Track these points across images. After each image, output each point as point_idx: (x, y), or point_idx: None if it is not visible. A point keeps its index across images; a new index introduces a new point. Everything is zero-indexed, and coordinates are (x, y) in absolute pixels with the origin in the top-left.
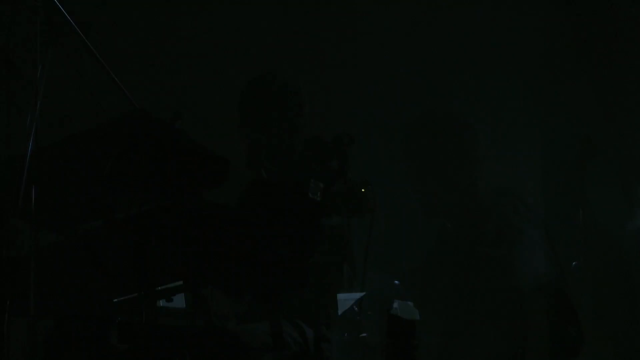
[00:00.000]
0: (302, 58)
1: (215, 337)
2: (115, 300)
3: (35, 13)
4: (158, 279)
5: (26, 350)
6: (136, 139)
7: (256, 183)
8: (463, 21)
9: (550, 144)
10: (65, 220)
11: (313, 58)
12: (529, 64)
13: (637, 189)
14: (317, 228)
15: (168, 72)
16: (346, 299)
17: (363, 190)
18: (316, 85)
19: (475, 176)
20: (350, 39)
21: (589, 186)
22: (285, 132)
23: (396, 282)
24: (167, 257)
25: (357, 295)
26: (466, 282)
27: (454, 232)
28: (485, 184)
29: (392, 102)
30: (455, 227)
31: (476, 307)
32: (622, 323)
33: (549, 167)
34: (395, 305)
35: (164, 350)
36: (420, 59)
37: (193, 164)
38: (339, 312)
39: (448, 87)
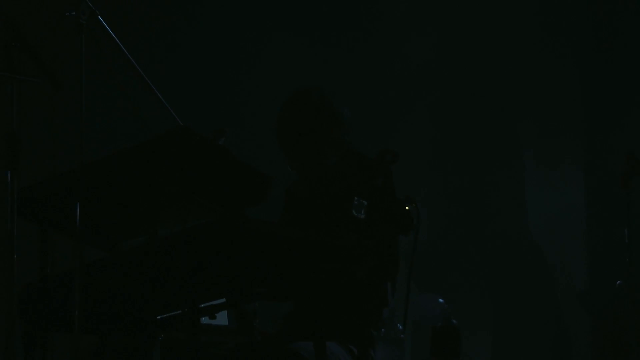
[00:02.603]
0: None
1: (258, 354)
2: (159, 317)
3: (79, 30)
4: (202, 296)
5: None
6: (179, 155)
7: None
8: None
9: (594, 160)
10: (110, 237)
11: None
12: (574, 80)
13: None
14: (362, 245)
15: (211, 89)
16: (390, 317)
17: (407, 207)
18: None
19: None
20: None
21: (634, 203)
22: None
23: (440, 300)
24: (210, 273)
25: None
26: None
27: None
28: None
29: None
30: None
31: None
32: None
33: (592, 184)
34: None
35: None
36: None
37: (236, 180)
38: (383, 329)
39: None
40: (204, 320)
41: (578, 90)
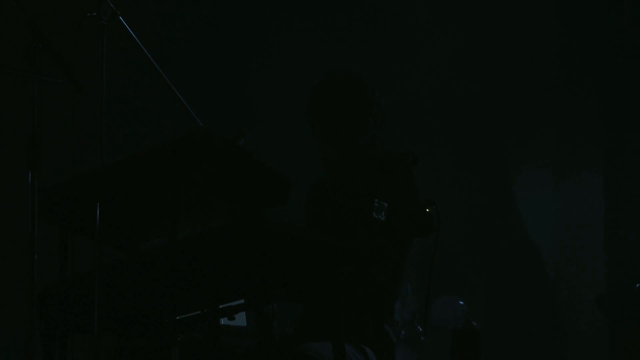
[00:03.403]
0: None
1: (276, 355)
2: (178, 318)
3: (100, 31)
4: (221, 297)
5: None
6: (200, 157)
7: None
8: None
9: (613, 164)
10: (130, 238)
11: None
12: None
13: None
14: (381, 247)
15: (231, 90)
16: (410, 319)
17: (427, 210)
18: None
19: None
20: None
21: None
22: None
23: (460, 302)
24: (230, 275)
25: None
26: None
27: None
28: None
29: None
30: None
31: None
32: None
33: (611, 187)
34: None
35: None
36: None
37: (257, 182)
38: (403, 332)
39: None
40: (223, 321)
41: (595, 93)
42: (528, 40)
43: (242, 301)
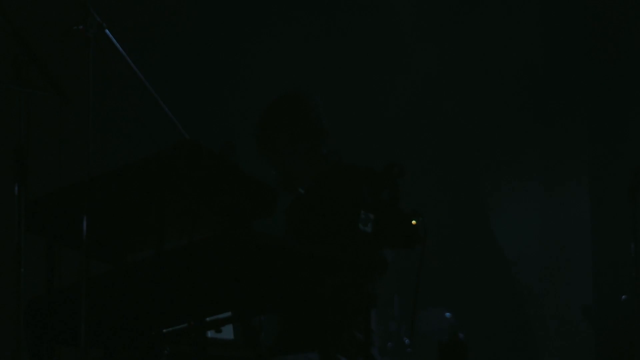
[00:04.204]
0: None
1: None
2: (165, 330)
3: (87, 43)
4: (208, 309)
5: None
6: (187, 169)
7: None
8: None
9: (599, 174)
10: (116, 250)
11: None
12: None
13: None
14: (368, 259)
15: (218, 102)
16: (397, 330)
17: (414, 221)
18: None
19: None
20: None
21: None
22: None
23: (447, 314)
24: (217, 287)
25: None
26: None
27: None
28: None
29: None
30: None
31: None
32: None
33: (598, 198)
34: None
35: None
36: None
37: (243, 194)
38: (390, 343)
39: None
40: (210, 333)
41: (581, 105)
42: (514, 52)
43: (229, 313)
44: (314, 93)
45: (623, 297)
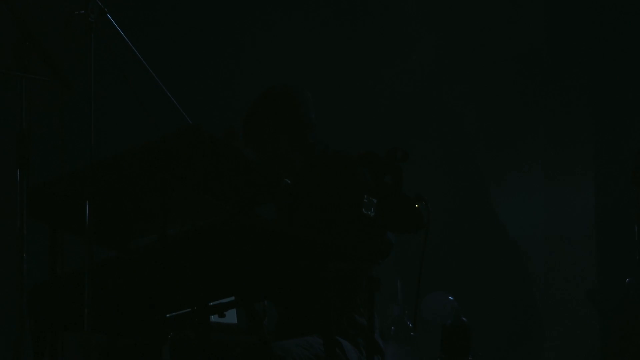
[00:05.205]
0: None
1: (267, 352)
2: (169, 315)
3: (89, 28)
4: (211, 295)
5: None
6: (190, 154)
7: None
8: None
9: (604, 158)
10: (120, 236)
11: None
12: (583, 78)
13: None
14: (372, 244)
15: (220, 87)
16: (400, 314)
17: (417, 205)
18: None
19: None
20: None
21: None
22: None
23: (450, 297)
24: (220, 272)
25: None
26: None
27: None
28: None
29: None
30: None
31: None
32: None
33: (602, 181)
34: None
35: None
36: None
37: (246, 179)
38: (393, 328)
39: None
40: (213, 318)
41: (585, 88)
42: (516, 37)
43: (232, 298)
44: (305, 88)
45: (627, 279)
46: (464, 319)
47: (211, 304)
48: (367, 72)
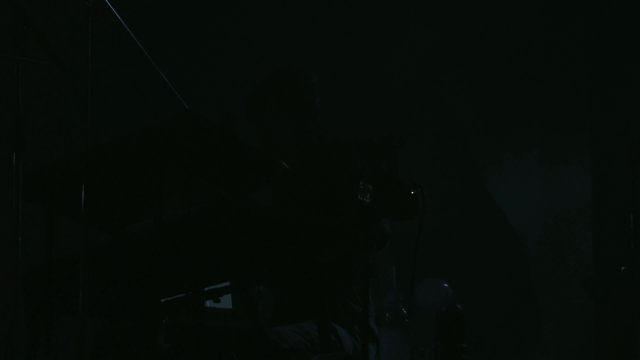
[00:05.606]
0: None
1: (262, 338)
2: (163, 300)
3: (86, 14)
4: (206, 279)
5: (75, 349)
6: (186, 139)
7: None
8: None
9: (600, 146)
10: (115, 220)
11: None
12: (579, 65)
13: None
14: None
15: (217, 73)
16: (395, 301)
17: (412, 192)
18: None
19: None
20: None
21: None
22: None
23: (445, 284)
24: (215, 257)
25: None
26: None
27: None
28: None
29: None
30: None
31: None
32: None
33: (598, 169)
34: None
35: (210, 351)
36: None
37: (242, 164)
38: (388, 314)
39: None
40: (208, 303)
41: (582, 76)
42: (514, 23)
43: (227, 283)
44: (313, 72)
45: (623, 268)
46: (459, 305)
47: (206, 289)
48: (363, 60)
